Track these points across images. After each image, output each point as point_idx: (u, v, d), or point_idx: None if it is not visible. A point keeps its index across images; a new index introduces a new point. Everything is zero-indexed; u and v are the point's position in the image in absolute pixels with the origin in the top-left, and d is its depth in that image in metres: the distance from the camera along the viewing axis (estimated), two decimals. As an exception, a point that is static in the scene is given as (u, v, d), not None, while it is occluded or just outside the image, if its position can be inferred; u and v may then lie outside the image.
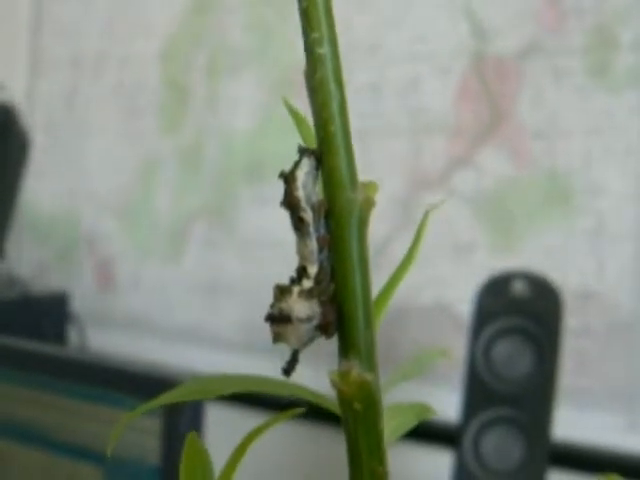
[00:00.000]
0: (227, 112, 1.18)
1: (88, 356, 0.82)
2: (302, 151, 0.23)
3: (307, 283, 0.22)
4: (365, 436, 0.21)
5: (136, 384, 0.71)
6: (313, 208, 0.22)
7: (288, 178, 0.22)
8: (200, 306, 1.18)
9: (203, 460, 0.21)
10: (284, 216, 0.91)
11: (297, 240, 0.22)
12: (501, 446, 0.78)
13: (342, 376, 0.20)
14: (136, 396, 0.70)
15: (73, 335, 1.20)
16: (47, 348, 0.79)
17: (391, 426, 0.22)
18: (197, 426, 0.69)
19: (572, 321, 0.88)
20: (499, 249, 0.96)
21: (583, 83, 0.92)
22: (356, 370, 0.20)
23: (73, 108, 1.34)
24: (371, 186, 0.21)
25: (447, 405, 0.90)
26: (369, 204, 0.21)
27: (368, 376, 0.20)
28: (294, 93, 1.11)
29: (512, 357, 0.79)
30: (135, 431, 0.69)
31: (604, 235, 0.90)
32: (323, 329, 0.21)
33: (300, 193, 0.22)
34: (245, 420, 1.04)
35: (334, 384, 0.20)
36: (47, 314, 1.15)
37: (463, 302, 0.94)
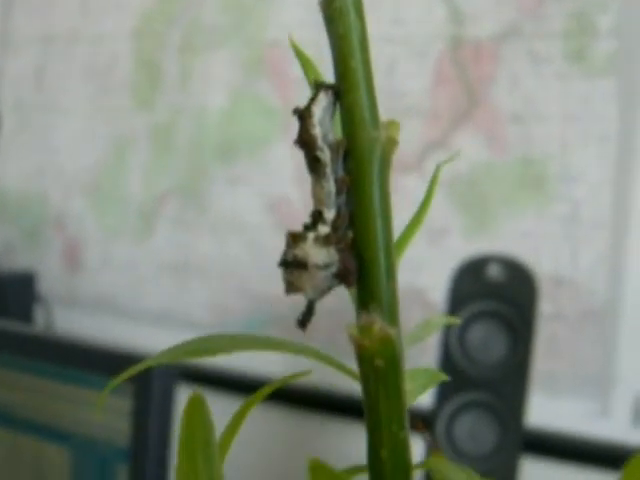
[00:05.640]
0: (200, 91, 1.16)
1: (55, 335, 0.80)
2: (318, 86, 0.20)
3: (323, 229, 0.20)
4: (386, 397, 0.19)
5: (103, 363, 0.69)
6: (330, 147, 0.20)
7: (303, 114, 0.20)
8: (170, 287, 1.17)
9: (205, 421, 0.19)
10: (256, 197, 0.89)
11: (312, 182, 0.20)
12: (474, 431, 0.77)
13: (363, 330, 0.19)
14: (103, 375, 0.69)
15: (40, 316, 1.18)
16: (13, 326, 0.77)
17: (407, 389, 0.21)
18: (167, 407, 0.68)
19: (545, 307, 0.88)
20: (473, 233, 0.95)
21: (560, 69, 0.92)
22: (378, 323, 0.19)
23: (43, 86, 1.31)
24: (394, 125, 0.20)
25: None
26: (392, 144, 0.20)
27: (391, 330, 0.19)
28: (268, 72, 1.09)
29: (486, 341, 0.79)
30: (104, 412, 0.68)
31: (579, 221, 0.90)
32: (342, 277, 0.19)
33: (316, 130, 0.20)
34: (216, 402, 1.03)
35: (353, 339, 0.19)
36: (14, 294, 1.13)
37: (437, 286, 0.93)
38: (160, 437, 0.67)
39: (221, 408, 0.31)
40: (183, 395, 0.72)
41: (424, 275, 0.98)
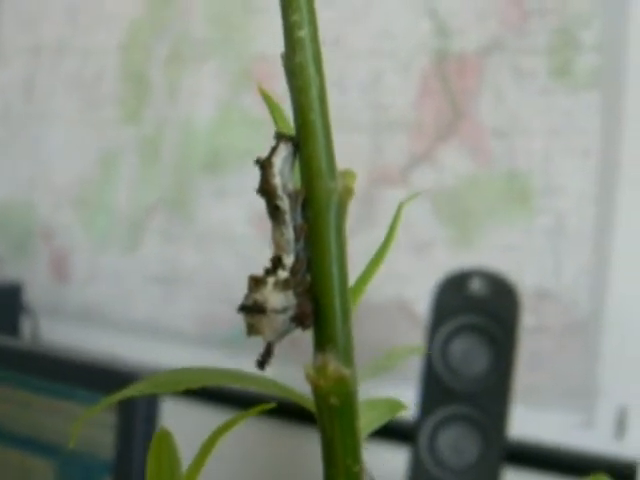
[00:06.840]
0: (188, 103, 1.16)
1: (41, 348, 0.80)
2: (279, 137, 0.22)
3: (283, 274, 0.21)
4: (341, 433, 0.20)
5: (89, 376, 0.69)
6: (290, 196, 0.21)
7: (264, 164, 0.21)
8: (157, 299, 1.17)
9: (171, 456, 0.20)
10: (242, 209, 0.89)
11: (272, 229, 0.21)
12: (457, 443, 0.78)
13: (318, 370, 0.20)
14: (89, 389, 0.69)
15: (26, 327, 1.18)
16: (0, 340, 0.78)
17: (363, 421, 0.22)
18: (151, 421, 0.68)
19: (529, 319, 0.89)
20: (458, 247, 0.96)
21: (544, 83, 0.93)
22: (333, 364, 0.20)
23: (31, 97, 1.31)
24: (350, 175, 0.21)
25: (403, 402, 0.90)
26: (348, 194, 0.21)
27: (345, 371, 0.20)
28: (255, 85, 1.10)
29: (469, 355, 0.79)
30: (89, 425, 0.68)
31: (562, 234, 0.91)
32: (299, 321, 0.21)
33: (277, 180, 0.21)
34: (200, 415, 1.04)
35: (309, 378, 0.20)
36: (0, 305, 1.13)
37: (421, 299, 0.94)
38: (144, 450, 0.68)
39: (205, 420, 0.32)
40: (167, 408, 0.73)
41: (410, 287, 0.98)
